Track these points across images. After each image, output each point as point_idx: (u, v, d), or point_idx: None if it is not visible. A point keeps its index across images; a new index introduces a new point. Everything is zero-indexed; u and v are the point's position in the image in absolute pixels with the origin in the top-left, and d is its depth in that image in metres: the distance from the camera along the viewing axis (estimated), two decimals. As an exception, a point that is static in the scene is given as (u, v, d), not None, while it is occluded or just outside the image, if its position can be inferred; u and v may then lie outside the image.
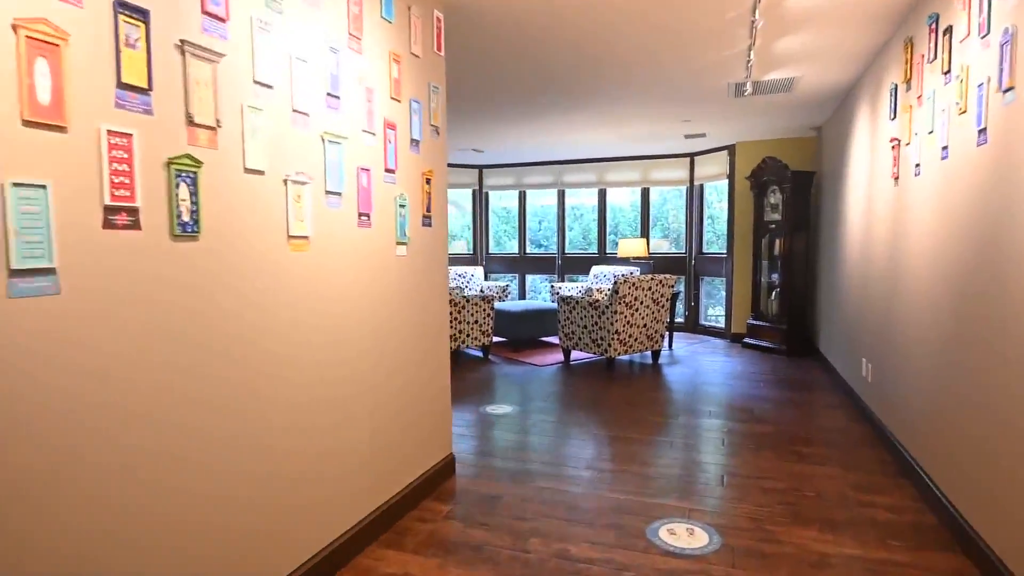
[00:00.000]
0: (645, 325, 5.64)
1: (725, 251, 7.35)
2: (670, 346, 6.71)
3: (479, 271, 8.34)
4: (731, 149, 7.08)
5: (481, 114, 5.56)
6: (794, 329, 6.19)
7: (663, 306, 5.74)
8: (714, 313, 8.02)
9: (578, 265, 8.47)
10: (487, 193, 8.92)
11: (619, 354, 5.51)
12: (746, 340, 6.67)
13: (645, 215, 8.16)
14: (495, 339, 7.15)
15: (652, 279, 5.55)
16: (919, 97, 2.96)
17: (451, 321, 5.97)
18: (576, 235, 9.11)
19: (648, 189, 8.11)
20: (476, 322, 6.15)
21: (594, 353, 5.64)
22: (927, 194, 2.84)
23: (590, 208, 8.63)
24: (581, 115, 5.64)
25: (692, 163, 7.73)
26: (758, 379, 5.17)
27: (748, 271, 6.91)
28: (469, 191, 8.88)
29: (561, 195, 8.55)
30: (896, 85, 3.39)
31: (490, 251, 9.01)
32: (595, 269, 7.85)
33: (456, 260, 8.78)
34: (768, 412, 4.17)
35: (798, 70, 4.21)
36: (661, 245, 8.29)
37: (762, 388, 4.85)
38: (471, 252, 8.93)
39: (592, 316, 5.60)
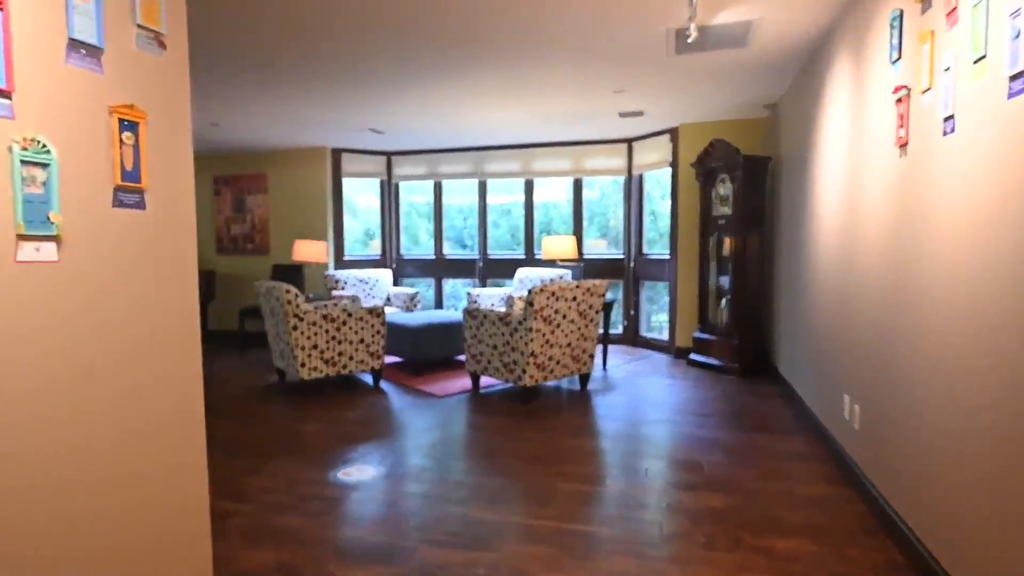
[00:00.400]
0: (570, 344, 4.52)
1: (668, 252, 6.34)
2: (604, 365, 5.62)
3: (387, 276, 7.06)
4: (673, 133, 6.07)
5: (369, 83, 4.31)
6: (747, 344, 5.20)
7: (592, 319, 4.63)
8: (658, 321, 7.01)
9: (503, 268, 7.30)
10: (397, 184, 7.65)
11: (536, 381, 4.36)
12: (692, 356, 5.65)
13: (578, 210, 7.08)
14: (392, 359, 5.89)
15: (578, 287, 4.43)
16: (952, 11, 1.90)
17: (328, 341, 4.69)
18: (503, 234, 7.94)
19: (581, 180, 7.03)
20: (363, 341, 4.88)
21: (506, 380, 4.47)
22: (969, 160, 1.78)
23: (522, 204, 7.48)
24: (488, 83, 4.46)
25: (630, 149, 6.69)
26: (707, 412, 4.11)
27: (694, 275, 5.91)
28: (377, 181, 7.59)
29: (482, 187, 7.37)
30: (901, 12, 2.36)
31: (402, 252, 7.73)
32: (521, 273, 6.71)
33: (363, 263, 7.47)
34: (722, 469, 3.09)
35: (755, 10, 3.15)
36: (598, 246, 7.23)
37: (712, 427, 3.79)
38: (382, 254, 7.64)
39: (502, 334, 4.43)
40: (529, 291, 4.21)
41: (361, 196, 7.92)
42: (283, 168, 7.25)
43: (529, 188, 7.19)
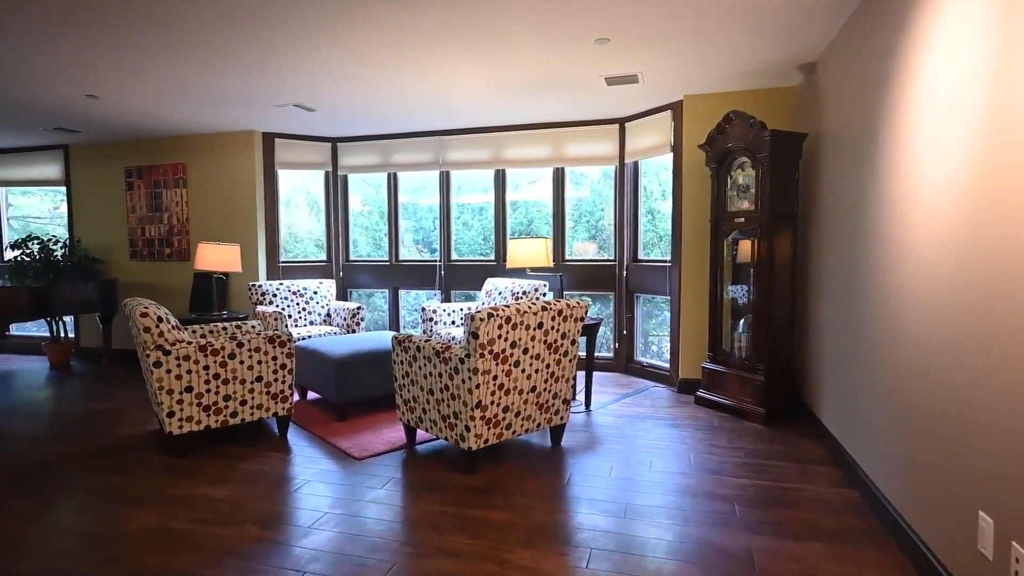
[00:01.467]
0: (534, 389, 3.26)
1: (669, 258, 5.09)
2: (587, 403, 4.37)
3: (330, 287, 5.81)
4: (676, 109, 4.82)
5: (272, 30, 3.07)
6: (775, 381, 3.95)
7: (567, 353, 3.37)
8: (657, 342, 5.76)
9: (471, 277, 6.06)
10: (345, 177, 6.40)
11: (486, 442, 3.11)
12: (701, 393, 4.39)
13: (559, 206, 5.82)
14: (312, 396, 4.64)
15: (544, 309, 3.17)
16: None
17: (207, 382, 3.45)
18: (475, 236, 6.68)
19: (563, 171, 5.78)
20: (260, 380, 3.63)
21: (446, 438, 3.22)
22: None
23: (523, 203, 6.22)
24: (425, 21, 3.22)
25: (622, 132, 5.44)
26: (728, 493, 2.86)
27: (702, 287, 4.66)
28: (321, 173, 6.34)
29: (445, 178, 6.12)
30: None
31: (350, 257, 6.48)
32: (490, 283, 5.46)
33: (306, 268, 6.22)
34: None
35: None
36: (587, 250, 5.98)
37: (740, 526, 2.54)
38: (327, 259, 6.39)
39: (440, 375, 3.17)
40: (472, 316, 2.95)
41: (305, 190, 6.67)
42: (204, 156, 6.01)
43: (500, 179, 5.94)
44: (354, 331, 5.37)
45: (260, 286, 5.47)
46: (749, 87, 4.47)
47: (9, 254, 6.00)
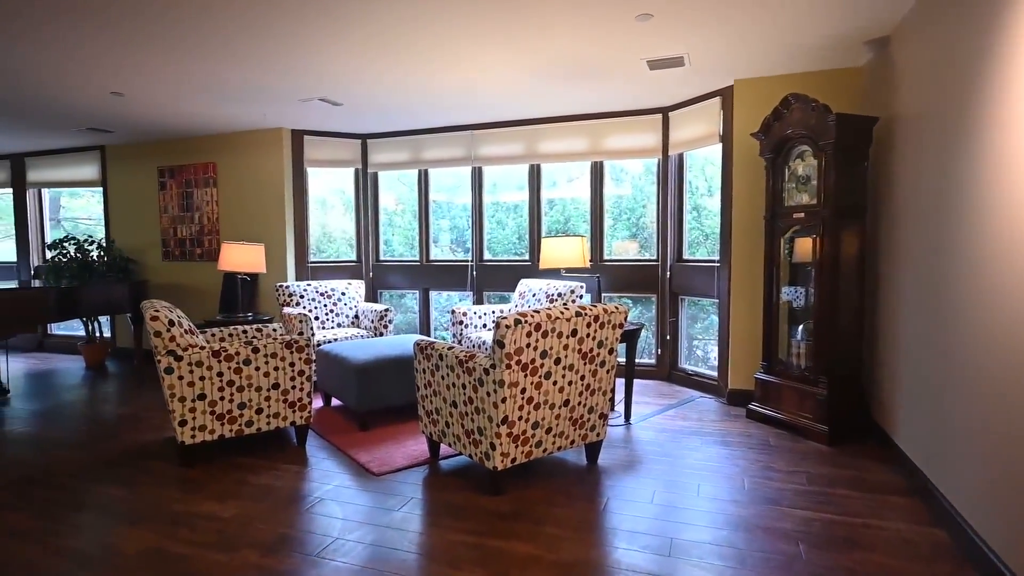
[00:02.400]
0: (567, 403, 2.95)
1: (717, 257, 4.69)
2: (627, 415, 4.02)
3: (359, 288, 5.63)
4: (726, 95, 4.42)
5: (295, 20, 2.88)
6: (840, 396, 3.52)
7: (605, 362, 3.04)
8: (702, 342, 5.35)
9: (503, 277, 5.77)
10: (375, 174, 6.21)
11: (513, 461, 2.82)
12: (754, 407, 3.99)
13: (597, 202, 5.47)
14: (337, 403, 4.43)
15: (579, 315, 2.85)
16: None
17: (221, 389, 3.27)
18: (509, 235, 6.40)
19: (601, 165, 5.43)
20: (277, 387, 3.43)
21: (470, 456, 2.94)
22: None
23: (560, 201, 5.92)
24: (461, 5, 2.95)
25: (666, 121, 5.06)
26: (793, 530, 2.48)
27: (756, 290, 4.25)
28: (351, 170, 6.17)
29: (476, 174, 5.85)
30: None
31: (381, 257, 6.28)
32: (523, 284, 5.17)
33: (335, 268, 6.06)
34: None
35: None
36: (627, 249, 5.62)
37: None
38: (356, 259, 6.22)
39: (464, 386, 2.89)
40: (497, 323, 2.66)
41: (340, 190, 6.51)
42: (234, 155, 5.91)
43: (535, 175, 5.63)
44: (382, 334, 5.15)
45: (287, 287, 5.32)
46: (808, 68, 4.04)
47: (48, 254, 6.04)
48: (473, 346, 4.70)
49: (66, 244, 6.01)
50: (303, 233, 5.88)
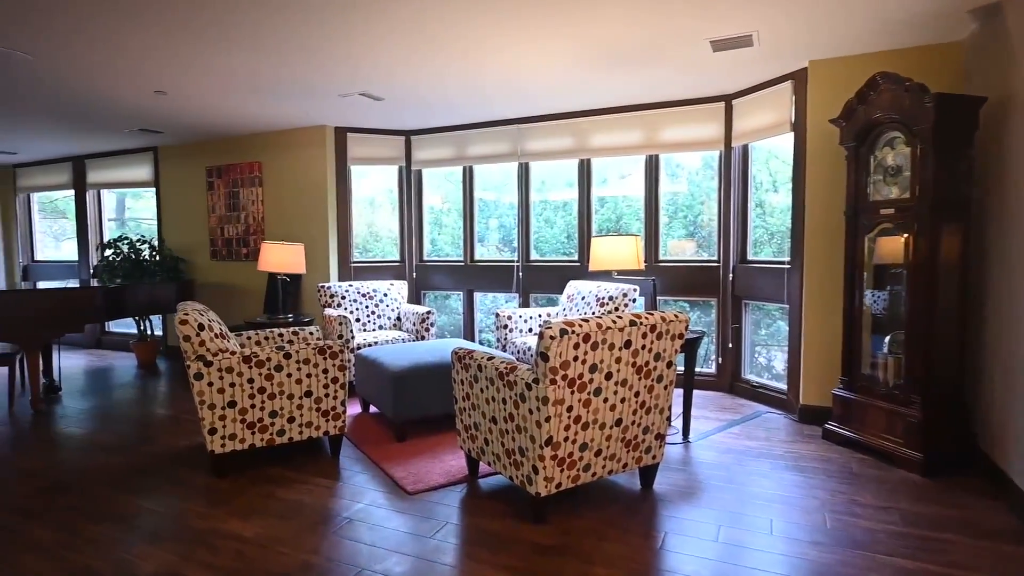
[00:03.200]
0: (620, 422, 2.63)
1: (788, 258, 4.25)
2: (685, 432, 3.65)
3: (401, 289, 5.46)
4: (799, 77, 3.98)
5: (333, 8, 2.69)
6: (937, 418, 3.06)
7: (663, 377, 2.71)
8: (766, 348, 4.90)
9: (550, 278, 5.48)
10: (419, 172, 6.02)
11: (559, 487, 2.53)
12: (832, 426, 3.55)
13: (652, 199, 5.10)
14: (375, 410, 4.24)
15: (633, 324, 2.53)
16: None
17: (252, 396, 3.12)
18: (558, 233, 6.10)
19: (657, 159, 5.05)
20: (309, 395, 3.26)
21: (511, 478, 2.67)
22: None
23: (611, 199, 5.59)
24: (486, -21, 2.68)
25: (729, 110, 4.65)
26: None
27: (833, 295, 3.80)
28: (395, 168, 6.01)
29: (523, 171, 5.57)
30: None
31: (425, 257, 6.10)
32: (572, 287, 4.87)
33: (378, 269, 5.91)
34: None
35: None
36: (684, 249, 5.23)
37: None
38: (399, 259, 6.05)
39: (505, 401, 2.62)
40: (541, 333, 2.37)
41: (388, 188, 6.37)
42: (279, 154, 5.85)
43: (584, 171, 5.31)
44: (423, 337, 4.95)
45: (328, 287, 5.20)
46: (896, 45, 3.57)
47: (102, 253, 6.16)
48: (518, 352, 4.43)
49: (119, 244, 6.10)
50: (346, 232, 5.76)
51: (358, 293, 5.29)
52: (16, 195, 7.75)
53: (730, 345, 4.73)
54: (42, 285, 5.01)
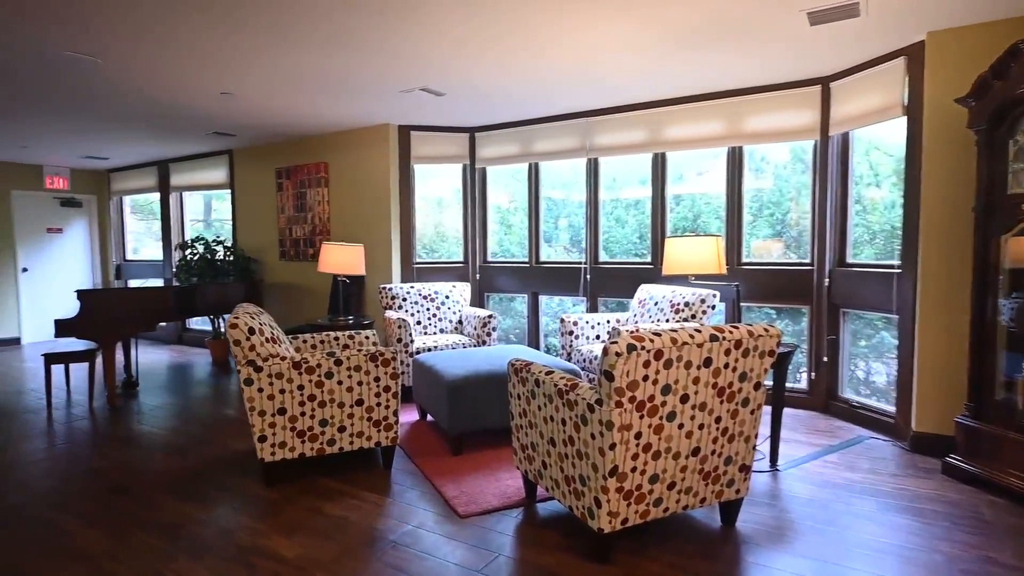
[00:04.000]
0: (697, 452, 2.28)
1: (896, 261, 3.71)
2: (773, 458, 3.22)
3: (463, 291, 5.28)
4: (913, 53, 3.44)
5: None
6: (1098, 458, 2.50)
7: (747, 400, 2.33)
8: (868, 370, 4.32)
9: (621, 281, 5.12)
10: (483, 170, 5.82)
11: (624, 523, 2.21)
12: (955, 461, 3.02)
13: (735, 196, 4.64)
14: (430, 418, 4.04)
15: (715, 339, 2.17)
16: None
17: (302, 404, 2.99)
18: (629, 233, 5.73)
19: (740, 152, 4.59)
20: (360, 404, 3.10)
21: (571, 508, 2.38)
22: None
23: (688, 196, 5.20)
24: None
25: (826, 94, 4.13)
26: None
27: (955, 304, 3.24)
28: (459, 167, 5.84)
29: (592, 167, 5.25)
30: None
31: (488, 258, 5.89)
32: (644, 291, 4.50)
33: (441, 270, 5.77)
34: None
35: None
36: (769, 250, 4.74)
37: None
38: (463, 260, 5.88)
39: (565, 422, 2.34)
40: (606, 348, 2.07)
41: (456, 188, 6.22)
42: (344, 154, 5.82)
43: (659, 166, 4.92)
44: (484, 342, 4.74)
45: (390, 289, 5.09)
46: (1043, 7, 2.98)
47: (179, 254, 6.38)
48: (584, 361, 4.12)
49: (196, 244, 6.28)
50: (409, 232, 5.64)
51: (419, 295, 5.15)
52: (110, 198, 8.23)
53: (825, 359, 4.20)
54: (132, 284, 5.22)
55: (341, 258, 4.59)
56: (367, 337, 3.92)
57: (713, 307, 3.94)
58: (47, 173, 7.68)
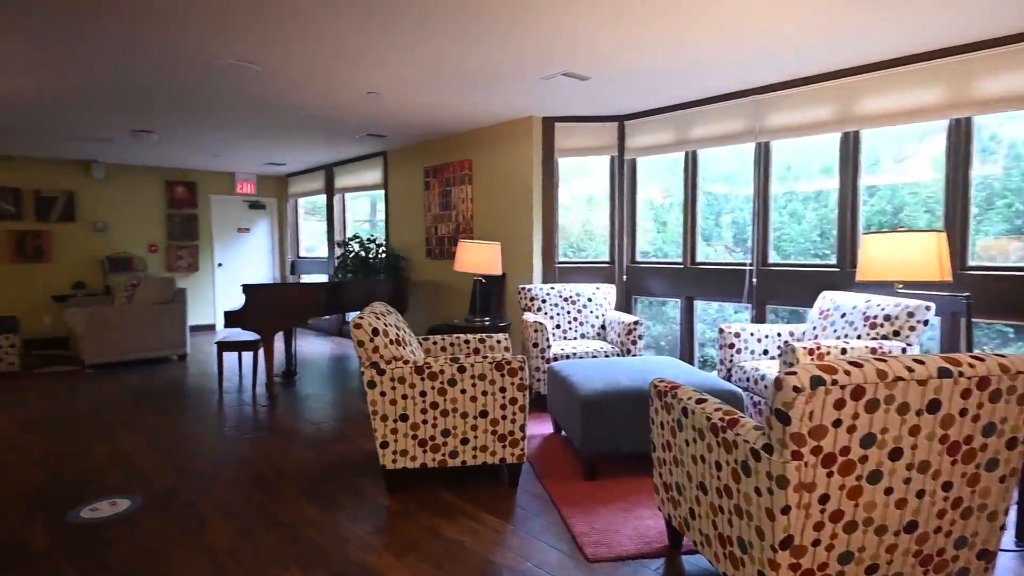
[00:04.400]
0: (914, 529, 1.65)
1: None
2: (1021, 534, 2.37)
3: (608, 293, 4.87)
4: None
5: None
6: None
7: (993, 462, 1.64)
8: None
9: (795, 287, 4.33)
10: (632, 161, 5.32)
11: (802, 613, 1.66)
12: None
13: (959, 182, 3.64)
14: (564, 433, 3.66)
15: (946, 373, 1.54)
16: None
17: (424, 411, 2.82)
18: (807, 229, 4.88)
19: (966, 126, 3.58)
20: (484, 415, 2.84)
21: (725, 575, 1.87)
22: None
23: (884, 188, 4.33)
24: None
25: (1107, 40, 3.03)
26: None
27: None
28: (606, 159, 5.41)
29: (762, 152, 4.50)
30: None
31: (637, 257, 5.38)
32: (827, 299, 3.73)
33: (586, 271, 5.40)
34: None
35: None
36: (1007, 250, 3.66)
37: None
38: (609, 260, 5.45)
39: (720, 467, 1.84)
40: (779, 380, 1.54)
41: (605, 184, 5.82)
42: (487, 150, 5.68)
43: (849, 148, 4.05)
44: (629, 351, 4.27)
45: (529, 290, 4.82)
46: None
47: (344, 251, 6.74)
48: (747, 380, 3.49)
49: (351, 243, 6.58)
50: (551, 230, 5.34)
51: (560, 296, 4.82)
52: (287, 200, 9.05)
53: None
54: (305, 279, 5.58)
55: (477, 256, 4.42)
56: (499, 341, 3.68)
57: (925, 322, 3.09)
58: (238, 179, 8.63)
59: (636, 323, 4.26)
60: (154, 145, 6.41)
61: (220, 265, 8.67)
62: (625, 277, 5.34)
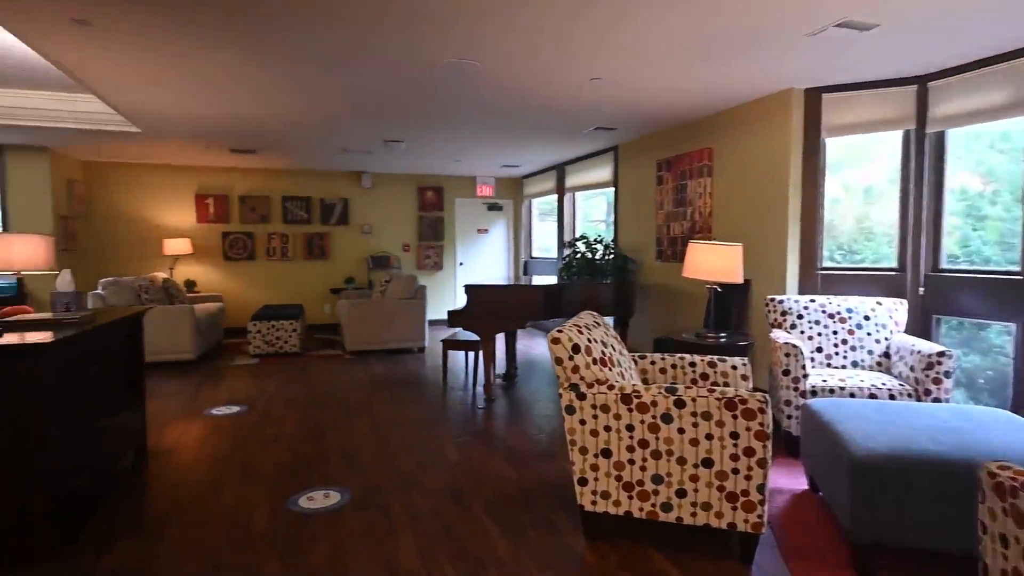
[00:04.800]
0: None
1: None
2: None
3: (896, 309, 3.75)
4: None
5: None
6: None
7: None
8: None
9: None
10: (938, 135, 3.97)
11: None
12: None
13: None
14: (821, 494, 2.72)
15: None
16: None
17: (633, 449, 2.34)
18: None
19: None
20: (707, 464, 2.22)
21: None
22: None
23: None
24: None
25: None
26: None
27: None
28: (898, 135, 4.16)
29: None
30: None
31: (943, 263, 4.01)
32: None
33: (859, 280, 4.25)
34: None
35: None
36: None
37: None
38: (898, 267, 4.19)
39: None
40: None
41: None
42: (731, 135, 4.84)
43: None
44: (929, 392, 3.13)
45: (781, 302, 3.92)
46: None
47: (574, 251, 6.51)
48: None
49: (577, 243, 6.30)
50: (812, 229, 4.30)
51: (822, 312, 3.81)
52: (522, 201, 9.22)
53: None
54: (536, 280, 5.54)
55: (712, 260, 3.70)
56: (734, 367, 2.95)
57: None
58: (479, 182, 9.06)
59: (942, 354, 3.09)
60: (403, 153, 6.98)
61: (462, 264, 9.22)
62: (922, 289, 4.03)
